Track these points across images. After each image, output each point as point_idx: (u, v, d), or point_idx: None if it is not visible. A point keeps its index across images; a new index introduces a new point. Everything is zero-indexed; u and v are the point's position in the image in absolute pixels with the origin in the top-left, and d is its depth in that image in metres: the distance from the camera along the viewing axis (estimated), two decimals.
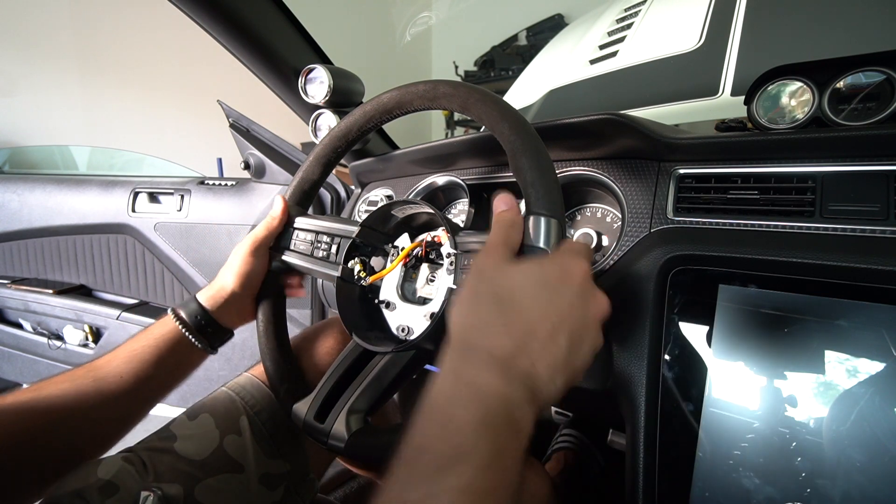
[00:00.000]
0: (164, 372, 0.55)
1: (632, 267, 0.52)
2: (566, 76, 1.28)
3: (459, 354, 0.32)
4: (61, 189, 1.39)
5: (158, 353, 0.54)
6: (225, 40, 0.76)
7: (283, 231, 0.60)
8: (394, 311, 0.54)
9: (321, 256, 0.56)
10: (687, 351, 0.47)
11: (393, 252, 0.57)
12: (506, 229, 0.38)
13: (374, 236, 0.56)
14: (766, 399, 0.42)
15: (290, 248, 0.59)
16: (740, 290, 0.45)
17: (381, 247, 0.57)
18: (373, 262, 0.57)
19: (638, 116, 0.56)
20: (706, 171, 0.53)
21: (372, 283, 0.54)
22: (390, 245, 0.57)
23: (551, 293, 0.33)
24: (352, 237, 0.54)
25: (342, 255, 0.54)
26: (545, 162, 0.41)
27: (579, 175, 0.63)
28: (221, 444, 0.55)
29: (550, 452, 1.07)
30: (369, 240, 0.56)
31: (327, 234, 0.56)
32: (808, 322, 0.42)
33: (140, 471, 0.49)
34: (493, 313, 0.33)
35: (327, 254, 0.56)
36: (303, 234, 0.59)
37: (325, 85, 0.78)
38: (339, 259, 0.54)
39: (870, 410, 0.38)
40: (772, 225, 0.48)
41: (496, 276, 0.35)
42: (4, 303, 1.48)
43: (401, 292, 0.54)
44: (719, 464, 0.43)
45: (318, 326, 0.72)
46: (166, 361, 0.55)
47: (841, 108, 0.47)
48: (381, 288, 0.55)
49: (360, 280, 0.54)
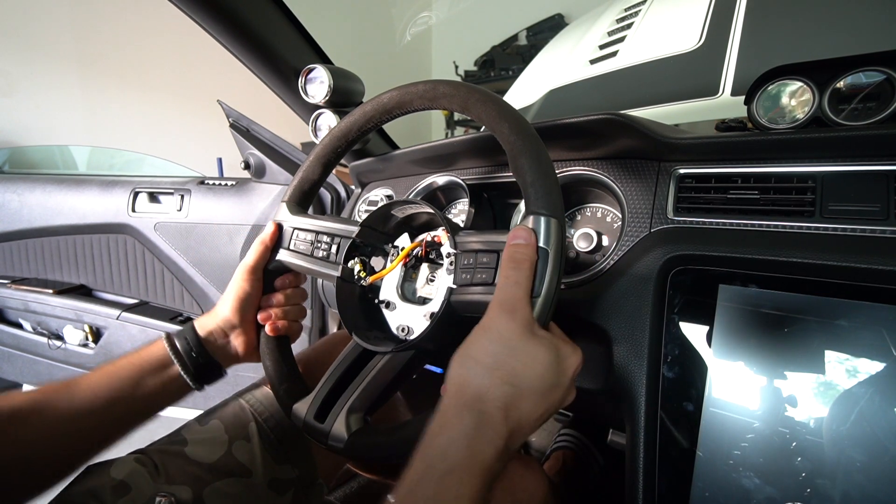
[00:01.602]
0: (143, 396, 0.52)
1: (632, 267, 0.52)
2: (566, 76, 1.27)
3: (473, 419, 0.35)
4: (61, 189, 1.39)
5: (141, 374, 0.52)
6: (225, 40, 0.76)
7: (282, 231, 0.60)
8: (394, 310, 0.54)
9: (321, 256, 0.56)
10: (687, 351, 0.47)
11: (393, 252, 0.57)
12: (521, 267, 0.39)
13: (374, 236, 0.56)
14: (766, 399, 0.42)
15: (289, 248, 0.59)
16: (740, 290, 0.45)
17: (381, 247, 0.57)
18: (373, 262, 0.57)
19: (638, 116, 0.56)
20: (706, 171, 0.53)
21: (372, 283, 0.54)
22: (390, 245, 0.57)
23: (552, 381, 0.38)
24: (352, 237, 0.54)
25: (342, 254, 0.54)
26: (545, 162, 0.41)
27: (579, 175, 0.63)
28: (230, 449, 0.56)
29: (549, 452, 1.07)
30: (369, 240, 0.56)
31: (327, 234, 0.56)
32: (808, 322, 0.42)
33: (152, 472, 0.50)
34: (507, 387, 0.36)
35: (327, 254, 0.56)
36: (303, 234, 0.58)
37: (325, 85, 0.78)
38: (339, 259, 0.54)
39: (870, 410, 0.38)
40: (772, 225, 0.48)
41: (515, 350, 0.37)
42: (4, 303, 1.48)
43: (401, 292, 0.54)
44: (719, 464, 0.43)
45: (328, 340, 0.74)
46: (147, 385, 0.52)
47: (841, 107, 0.47)
48: (381, 288, 0.55)
49: (361, 280, 0.54)
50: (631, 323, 0.50)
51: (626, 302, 0.51)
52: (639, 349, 0.49)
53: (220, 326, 0.57)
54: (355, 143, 0.58)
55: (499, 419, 0.35)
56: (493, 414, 0.35)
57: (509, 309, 0.37)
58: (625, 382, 0.49)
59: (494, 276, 0.42)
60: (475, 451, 0.33)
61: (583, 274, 0.58)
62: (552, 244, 0.39)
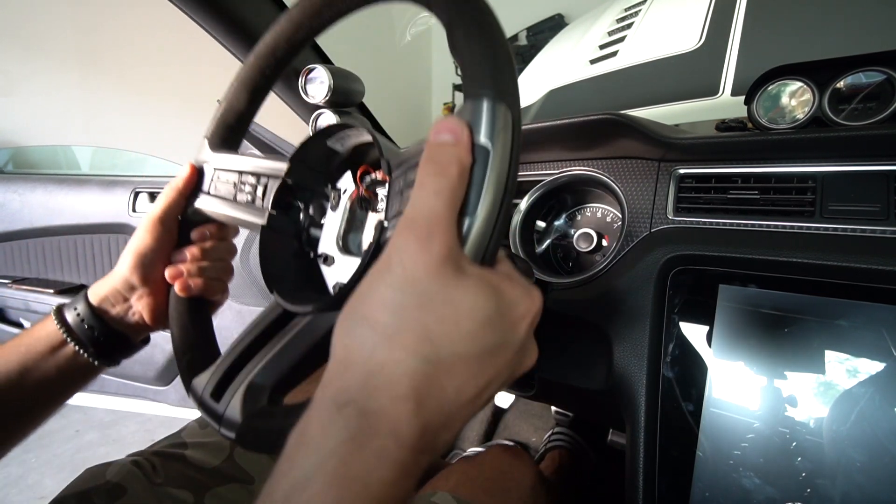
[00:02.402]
0: (35, 383, 0.44)
1: (632, 267, 0.52)
2: (566, 76, 1.27)
3: (348, 423, 0.21)
4: (62, 189, 1.39)
5: (28, 359, 0.44)
6: (225, 40, 0.76)
7: (202, 174, 0.50)
8: (332, 266, 0.43)
9: (245, 201, 0.46)
10: (687, 351, 0.47)
11: (334, 196, 0.45)
12: (445, 173, 0.24)
13: (309, 176, 0.45)
14: (766, 399, 0.42)
15: (209, 192, 0.49)
16: (740, 290, 0.45)
17: (322, 189, 0.46)
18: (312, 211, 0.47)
19: (638, 116, 0.56)
20: (706, 171, 0.53)
21: (310, 235, 0.44)
22: (330, 187, 0.46)
23: (494, 340, 0.24)
24: (281, 176, 0.43)
25: (270, 198, 0.44)
26: (491, 33, 0.28)
27: (579, 175, 0.63)
28: (232, 455, 0.55)
29: (544, 451, 1.07)
30: (304, 180, 0.45)
31: (252, 175, 0.46)
32: (808, 322, 0.42)
33: (149, 474, 0.49)
34: (416, 360, 0.22)
35: (252, 197, 0.45)
36: (224, 176, 0.48)
37: (325, 85, 0.78)
38: (267, 204, 0.44)
39: (870, 410, 0.38)
40: (772, 225, 0.48)
41: (430, 299, 0.23)
42: (5, 302, 1.48)
43: (342, 244, 0.43)
44: (719, 464, 0.43)
45: None
46: (39, 371, 0.44)
47: (841, 108, 0.47)
48: (319, 240, 0.45)
49: (301, 229, 0.44)
50: (631, 323, 0.50)
51: (626, 302, 0.51)
52: (639, 349, 0.49)
53: (116, 289, 0.47)
54: (287, 61, 0.48)
55: (401, 416, 0.21)
56: (388, 410, 0.21)
57: (421, 234, 0.23)
58: (625, 382, 0.49)
59: None
60: (352, 479, 0.20)
61: (583, 274, 0.58)
62: (498, 140, 0.26)
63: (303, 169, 0.44)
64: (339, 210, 0.44)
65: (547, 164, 0.68)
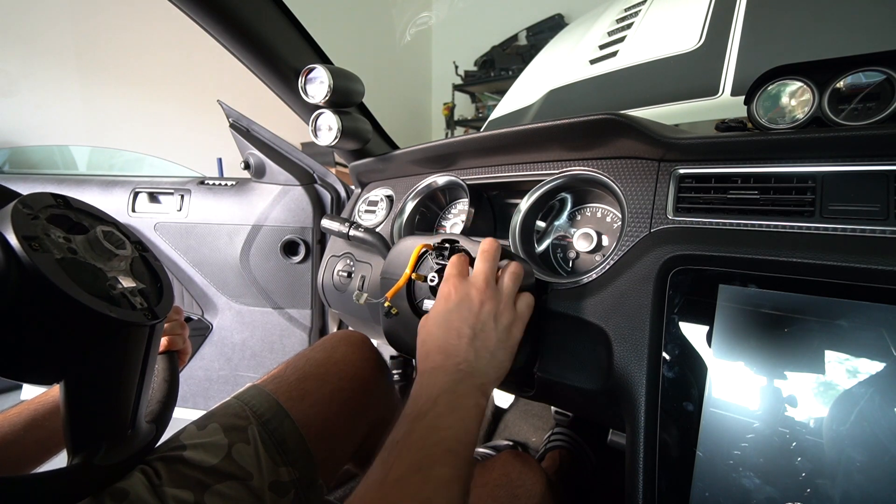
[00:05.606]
0: (36, 441, 0.55)
1: (632, 267, 0.52)
2: (566, 76, 1.27)
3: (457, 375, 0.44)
4: (62, 189, 1.39)
5: (35, 418, 0.55)
6: (225, 40, 0.76)
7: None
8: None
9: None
10: (687, 351, 0.46)
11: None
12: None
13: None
14: (766, 399, 0.42)
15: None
16: (740, 290, 0.45)
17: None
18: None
19: (638, 116, 0.56)
20: (706, 171, 0.53)
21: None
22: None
23: (488, 313, 0.48)
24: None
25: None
26: None
27: (579, 175, 0.63)
28: (230, 453, 0.55)
29: (544, 451, 1.07)
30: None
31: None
32: (808, 322, 0.42)
33: (152, 478, 0.50)
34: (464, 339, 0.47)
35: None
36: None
37: (325, 85, 0.78)
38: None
39: (870, 410, 0.38)
40: (772, 225, 0.48)
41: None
42: None
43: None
44: (719, 464, 0.43)
45: (327, 340, 0.74)
46: (44, 429, 0.55)
47: (841, 108, 0.47)
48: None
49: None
50: (631, 323, 0.50)
51: (626, 302, 0.51)
52: (639, 349, 0.48)
53: None
54: None
55: (473, 361, 0.46)
56: (469, 361, 0.46)
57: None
58: (625, 382, 0.49)
59: None
60: (461, 397, 0.42)
61: (583, 274, 0.58)
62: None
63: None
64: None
65: (547, 164, 0.68)
